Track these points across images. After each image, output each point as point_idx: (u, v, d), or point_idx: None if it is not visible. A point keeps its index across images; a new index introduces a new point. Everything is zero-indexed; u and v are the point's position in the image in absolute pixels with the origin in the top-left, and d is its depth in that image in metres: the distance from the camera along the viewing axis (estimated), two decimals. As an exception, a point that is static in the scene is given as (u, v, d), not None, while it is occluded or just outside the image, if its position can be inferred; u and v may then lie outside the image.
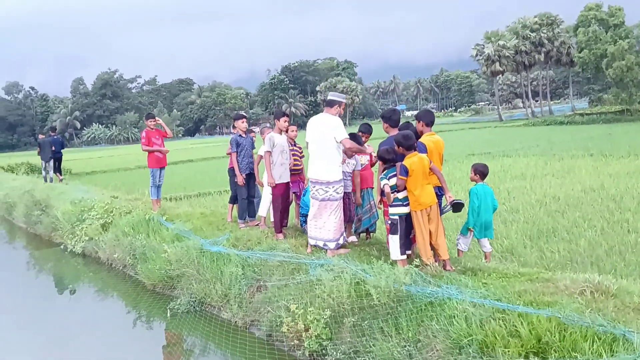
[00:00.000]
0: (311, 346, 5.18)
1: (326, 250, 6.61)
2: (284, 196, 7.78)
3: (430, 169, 5.81)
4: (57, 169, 20.03)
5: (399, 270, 5.11)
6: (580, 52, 56.05)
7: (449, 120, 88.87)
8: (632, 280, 7.04)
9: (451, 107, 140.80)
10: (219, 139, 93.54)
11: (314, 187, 6.63)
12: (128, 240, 9.58)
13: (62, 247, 11.76)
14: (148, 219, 9.81)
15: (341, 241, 6.69)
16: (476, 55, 71.04)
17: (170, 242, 8.40)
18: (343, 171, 6.81)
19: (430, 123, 6.43)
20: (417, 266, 5.23)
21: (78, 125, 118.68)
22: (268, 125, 9.40)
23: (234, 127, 8.81)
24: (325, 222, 6.55)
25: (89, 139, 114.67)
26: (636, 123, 41.87)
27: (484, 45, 69.75)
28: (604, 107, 54.07)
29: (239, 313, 6.56)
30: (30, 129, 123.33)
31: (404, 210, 5.84)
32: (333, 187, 6.53)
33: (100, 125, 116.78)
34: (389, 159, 6.06)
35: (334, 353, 5.08)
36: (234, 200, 9.16)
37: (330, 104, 6.69)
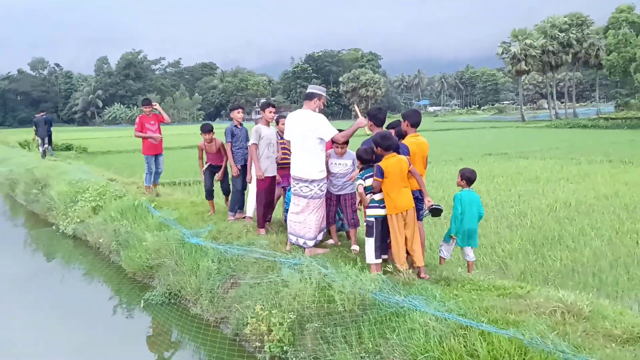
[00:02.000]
0: (272, 350, 4.97)
1: (304, 248, 6.40)
2: (267, 190, 7.59)
3: (409, 171, 5.56)
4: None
5: (366, 276, 4.87)
6: (609, 55, 54.73)
7: (471, 118, 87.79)
8: (634, 295, 6.77)
9: (475, 105, 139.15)
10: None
11: (297, 184, 6.42)
12: (114, 225, 9.42)
13: (53, 227, 11.65)
14: (136, 204, 9.64)
15: (320, 237, 6.50)
16: (502, 53, 69.80)
17: (154, 230, 8.25)
18: (333, 172, 6.60)
19: (416, 124, 6.15)
20: (389, 272, 4.96)
21: (100, 104, 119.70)
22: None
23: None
24: (305, 219, 6.36)
25: (110, 118, 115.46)
26: (662, 130, 40.76)
27: (510, 44, 68.53)
28: (630, 112, 52.67)
29: (211, 309, 6.37)
30: (54, 105, 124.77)
31: (381, 212, 5.60)
32: (317, 184, 6.32)
33: (122, 105, 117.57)
34: (367, 159, 5.86)
35: (294, 359, 4.86)
36: (210, 195, 9.15)
37: (310, 96, 6.45)
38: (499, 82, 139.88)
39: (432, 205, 5.63)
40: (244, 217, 8.35)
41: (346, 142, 6.50)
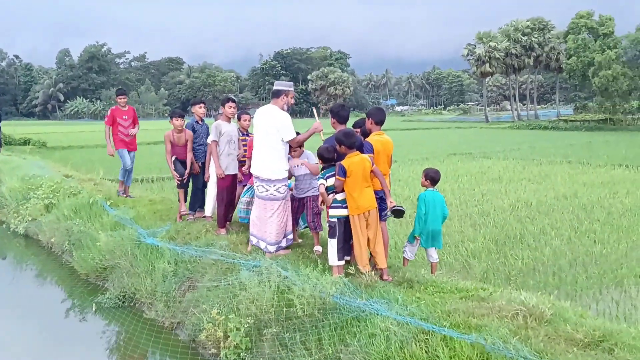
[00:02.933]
0: (228, 357, 4.76)
1: (264, 252, 6.19)
2: (229, 189, 7.35)
3: (371, 171, 5.44)
4: None
5: (326, 279, 4.73)
6: (568, 59, 56.03)
7: (437, 118, 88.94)
8: (592, 293, 6.89)
9: (441, 105, 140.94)
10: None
11: (256, 183, 6.25)
12: (67, 224, 9.03)
13: (4, 226, 11.19)
14: (91, 202, 9.28)
15: (283, 244, 6.30)
16: (467, 54, 70.84)
17: (109, 230, 7.92)
18: (297, 175, 6.41)
19: (380, 122, 6.02)
20: (351, 274, 4.86)
21: (61, 97, 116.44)
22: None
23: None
24: (265, 223, 6.13)
25: (72, 112, 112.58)
26: (617, 133, 42.08)
27: (475, 46, 69.55)
28: (588, 115, 54.25)
29: (166, 313, 6.11)
30: (12, 98, 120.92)
31: (343, 212, 5.46)
32: (274, 185, 6.08)
33: (84, 99, 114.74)
34: (329, 157, 5.69)
35: (251, 366, 4.68)
36: (183, 184, 8.55)
37: (277, 94, 6.24)
38: (464, 84, 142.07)
39: (394, 206, 5.53)
40: (203, 217, 8.09)
41: (300, 146, 6.35)
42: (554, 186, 14.32)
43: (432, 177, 6.17)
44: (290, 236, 6.43)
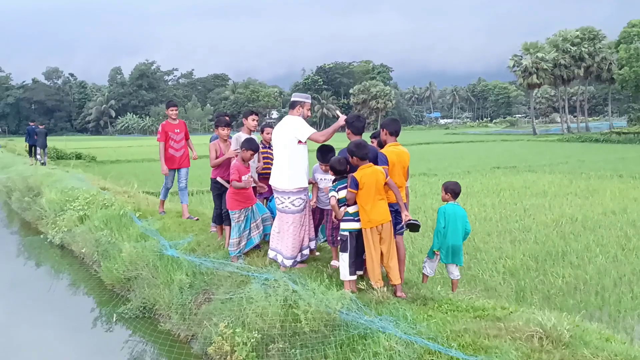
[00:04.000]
0: (235, 371, 4.63)
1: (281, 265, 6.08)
2: None
3: (386, 183, 5.23)
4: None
5: (333, 294, 4.54)
6: (620, 69, 54.07)
7: (482, 131, 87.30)
8: (636, 315, 6.42)
9: (487, 118, 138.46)
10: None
11: (274, 195, 6.15)
12: (97, 235, 9.15)
13: (42, 236, 11.47)
14: (121, 214, 9.37)
15: (299, 258, 6.14)
16: (513, 66, 69.35)
17: (134, 241, 7.97)
18: (321, 187, 6.29)
19: (395, 132, 5.83)
20: (362, 289, 4.64)
21: (113, 113, 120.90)
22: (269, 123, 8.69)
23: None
24: (281, 234, 6.03)
25: (123, 128, 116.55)
26: (675, 145, 40.09)
27: (522, 57, 68.07)
28: (643, 127, 52.00)
29: (182, 325, 6.05)
30: (67, 115, 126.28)
31: (355, 225, 5.27)
32: (288, 197, 5.92)
33: (134, 115, 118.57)
34: (340, 169, 5.52)
35: (258, 381, 4.53)
36: (218, 219, 7.79)
37: (292, 105, 6.13)
38: (511, 95, 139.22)
39: (409, 220, 5.30)
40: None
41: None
42: (602, 201, 13.68)
43: (452, 190, 5.94)
44: (306, 251, 6.28)
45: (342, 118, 5.99)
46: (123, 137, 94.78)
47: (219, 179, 7.36)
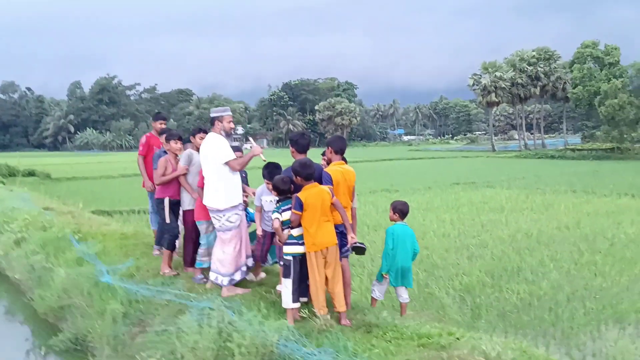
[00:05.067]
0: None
1: (221, 286, 5.90)
2: (195, 224, 6.83)
3: (332, 203, 5.05)
4: None
5: (271, 324, 4.36)
6: (574, 88, 56.02)
7: (444, 147, 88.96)
8: (588, 331, 6.51)
9: (448, 135, 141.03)
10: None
11: (210, 214, 6.01)
12: (31, 259, 8.64)
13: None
14: (60, 236, 8.92)
15: (237, 277, 5.99)
16: (473, 84, 71.02)
17: (72, 266, 7.53)
18: (266, 209, 5.99)
19: (340, 151, 5.63)
20: (304, 317, 4.50)
21: (72, 129, 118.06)
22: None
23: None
24: (218, 253, 5.90)
25: (82, 143, 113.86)
26: (625, 161, 41.66)
27: (481, 75, 69.78)
28: (595, 144, 53.92)
29: (114, 358, 5.70)
30: (24, 130, 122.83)
31: (299, 249, 5.05)
32: (223, 215, 5.84)
33: (94, 131, 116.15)
34: (285, 189, 5.27)
35: None
36: (161, 240, 7.29)
37: (212, 122, 6.08)
38: (472, 113, 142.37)
39: (355, 243, 5.17)
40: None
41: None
42: (556, 216, 14.00)
43: (400, 210, 5.77)
44: (244, 268, 6.16)
45: (256, 147, 5.96)
46: (82, 153, 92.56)
47: (166, 199, 6.90)
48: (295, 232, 5.06)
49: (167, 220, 6.88)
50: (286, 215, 5.09)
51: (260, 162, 6.10)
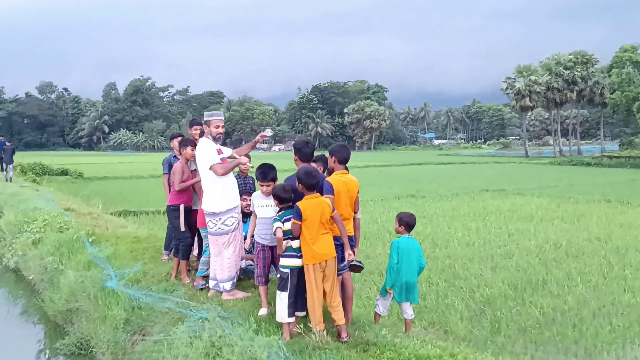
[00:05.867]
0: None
1: (221, 292, 5.80)
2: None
3: (331, 216, 4.82)
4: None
5: (260, 340, 4.15)
6: (612, 93, 54.40)
7: (475, 152, 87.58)
8: (613, 350, 6.14)
9: (480, 139, 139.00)
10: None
11: (206, 218, 5.92)
12: (45, 261, 8.64)
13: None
14: (74, 238, 8.91)
15: (236, 278, 5.90)
16: (506, 88, 69.65)
17: (82, 268, 7.49)
18: (260, 217, 5.55)
19: (344, 160, 5.40)
20: (299, 333, 4.30)
21: (106, 129, 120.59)
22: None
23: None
24: (218, 259, 5.79)
25: (115, 143, 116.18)
26: (665, 170, 40.13)
27: (515, 79, 68.40)
28: (633, 151, 52.18)
29: None
30: (60, 130, 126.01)
31: (297, 262, 4.84)
32: (220, 218, 5.76)
33: (127, 131, 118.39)
34: (286, 197, 5.01)
35: None
36: (174, 248, 7.11)
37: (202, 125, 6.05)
38: (505, 117, 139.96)
39: (352, 261, 4.95)
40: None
41: (273, 179, 5.52)
42: (587, 226, 13.50)
43: (406, 222, 5.50)
44: (244, 264, 6.07)
45: (243, 157, 5.90)
46: (115, 153, 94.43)
47: (181, 206, 6.73)
48: (294, 243, 4.85)
49: (182, 229, 6.69)
50: (289, 225, 4.87)
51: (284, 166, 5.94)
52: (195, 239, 7.10)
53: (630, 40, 59.77)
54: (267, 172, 5.47)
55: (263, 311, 5.41)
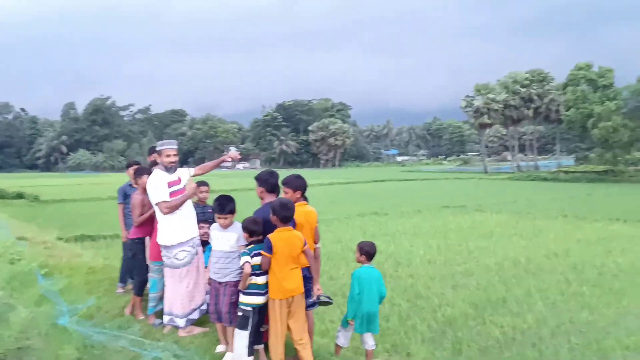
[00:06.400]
0: None
1: (177, 328, 5.61)
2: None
3: (303, 251, 4.72)
4: None
5: None
6: (568, 110, 56.21)
7: (437, 168, 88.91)
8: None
9: (441, 155, 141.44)
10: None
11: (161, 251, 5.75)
12: None
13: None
14: (26, 271, 8.53)
15: (195, 315, 5.71)
16: (465, 106, 71.27)
17: (35, 303, 7.04)
18: (214, 250, 5.25)
19: (300, 188, 5.21)
20: None
21: (64, 149, 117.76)
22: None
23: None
24: (174, 293, 5.61)
25: (74, 164, 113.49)
26: (619, 185, 41.50)
27: (473, 97, 70.06)
28: (589, 166, 53.90)
29: None
30: (17, 151, 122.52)
31: (261, 300, 4.69)
32: (171, 252, 5.59)
33: (86, 151, 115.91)
34: (257, 230, 4.82)
35: None
36: (132, 285, 6.85)
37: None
38: (465, 134, 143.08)
39: (321, 296, 4.89)
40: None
41: (231, 211, 5.19)
42: (545, 243, 13.72)
43: (367, 252, 5.41)
44: (204, 307, 5.83)
45: (193, 187, 5.63)
46: (74, 174, 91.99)
47: (147, 238, 6.45)
48: (260, 279, 4.68)
49: (148, 262, 6.41)
50: (257, 260, 4.69)
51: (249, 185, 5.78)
52: None
53: (585, 58, 61.99)
54: (224, 204, 5.18)
55: (221, 348, 5.21)
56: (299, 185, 5.20)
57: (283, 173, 5.53)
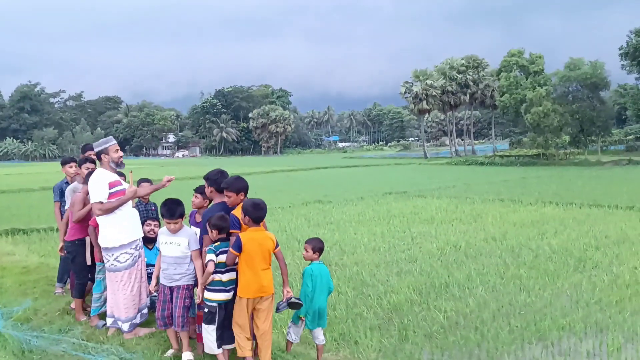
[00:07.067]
0: None
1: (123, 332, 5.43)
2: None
3: (274, 253, 4.72)
4: None
5: None
6: (501, 96, 58.19)
7: (378, 154, 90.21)
8: (512, 350, 6.40)
9: (382, 141, 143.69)
10: (143, 161, 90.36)
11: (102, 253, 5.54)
12: None
13: None
14: None
15: (138, 320, 5.55)
16: (405, 92, 72.49)
17: None
18: (163, 255, 5.11)
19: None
20: None
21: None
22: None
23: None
24: (116, 297, 5.42)
25: (1, 153, 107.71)
26: (550, 167, 43.47)
27: (412, 83, 71.31)
28: (522, 150, 56.15)
29: None
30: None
31: (226, 297, 4.66)
32: (112, 254, 5.40)
33: (14, 140, 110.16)
34: (225, 227, 4.72)
35: None
36: (71, 287, 6.61)
37: (98, 157, 5.65)
38: (405, 120, 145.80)
39: (290, 298, 4.84)
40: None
41: (181, 215, 5.02)
42: (484, 227, 14.11)
43: (320, 249, 5.36)
44: (145, 310, 5.69)
45: (133, 188, 5.52)
46: (1, 164, 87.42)
47: (87, 239, 6.14)
48: (225, 277, 4.64)
49: (89, 262, 6.13)
50: (223, 258, 4.64)
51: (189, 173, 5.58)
52: None
53: (517, 44, 64.42)
54: (173, 208, 4.98)
55: (170, 352, 5.06)
56: (241, 187, 5.02)
57: (223, 161, 5.44)
